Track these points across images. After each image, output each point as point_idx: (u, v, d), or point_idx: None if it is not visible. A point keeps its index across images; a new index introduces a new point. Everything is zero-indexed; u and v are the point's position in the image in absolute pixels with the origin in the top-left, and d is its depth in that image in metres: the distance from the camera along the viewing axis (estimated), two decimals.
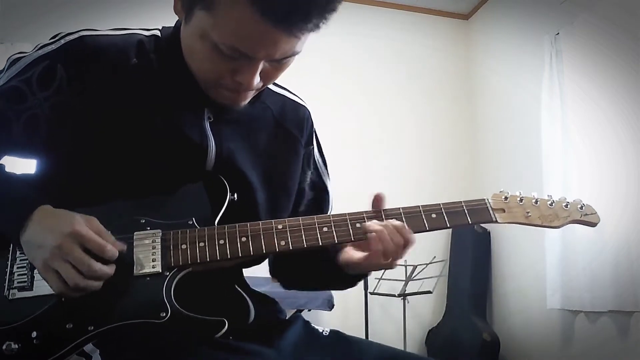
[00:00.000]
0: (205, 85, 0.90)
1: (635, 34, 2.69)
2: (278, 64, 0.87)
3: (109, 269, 0.81)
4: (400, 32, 4.19)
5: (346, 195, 3.50)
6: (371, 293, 3.35)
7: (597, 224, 1.01)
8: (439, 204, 0.95)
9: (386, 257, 0.91)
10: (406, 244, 0.91)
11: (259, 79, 0.87)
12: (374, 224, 0.91)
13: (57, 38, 0.91)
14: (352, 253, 0.98)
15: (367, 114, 4.03)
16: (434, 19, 4.31)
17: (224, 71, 0.85)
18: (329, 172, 1.15)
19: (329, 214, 1.08)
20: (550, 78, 3.23)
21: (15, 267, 0.85)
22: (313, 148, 1.11)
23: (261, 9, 0.76)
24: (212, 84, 0.89)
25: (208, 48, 0.83)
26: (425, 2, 4.21)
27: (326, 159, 1.15)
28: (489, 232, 3.87)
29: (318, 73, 3.63)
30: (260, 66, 0.84)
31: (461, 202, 0.96)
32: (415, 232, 0.92)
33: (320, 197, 1.12)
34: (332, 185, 1.15)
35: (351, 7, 3.90)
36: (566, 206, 0.99)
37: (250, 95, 0.92)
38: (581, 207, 1.00)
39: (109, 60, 0.90)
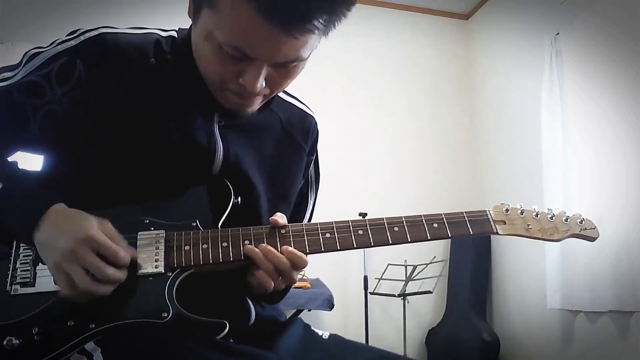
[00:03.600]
0: (212, 88, 0.90)
1: (635, 34, 2.69)
2: (283, 69, 0.86)
3: (122, 274, 0.81)
4: (400, 32, 4.19)
5: (346, 196, 3.52)
6: (371, 293, 3.35)
7: (596, 238, 1.01)
8: (441, 214, 0.95)
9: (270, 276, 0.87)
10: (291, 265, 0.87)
11: (264, 83, 0.85)
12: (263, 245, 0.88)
13: (76, 34, 0.91)
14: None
15: (367, 113, 4.03)
16: (434, 19, 4.32)
17: (229, 73, 0.85)
18: (318, 186, 1.15)
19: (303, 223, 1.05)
20: (550, 78, 3.23)
21: (18, 262, 0.85)
22: (312, 160, 1.11)
23: (258, 6, 0.75)
24: (218, 87, 0.88)
25: (213, 49, 0.82)
26: (425, 2, 4.21)
27: (320, 172, 1.15)
28: None
29: (317, 73, 3.62)
30: (265, 70, 0.83)
31: (463, 212, 0.96)
32: (416, 241, 0.92)
33: (299, 206, 1.11)
34: (316, 199, 1.14)
35: None
36: (566, 220, 1.00)
37: (257, 101, 0.91)
38: (581, 222, 1.00)
39: (127, 58, 0.89)
